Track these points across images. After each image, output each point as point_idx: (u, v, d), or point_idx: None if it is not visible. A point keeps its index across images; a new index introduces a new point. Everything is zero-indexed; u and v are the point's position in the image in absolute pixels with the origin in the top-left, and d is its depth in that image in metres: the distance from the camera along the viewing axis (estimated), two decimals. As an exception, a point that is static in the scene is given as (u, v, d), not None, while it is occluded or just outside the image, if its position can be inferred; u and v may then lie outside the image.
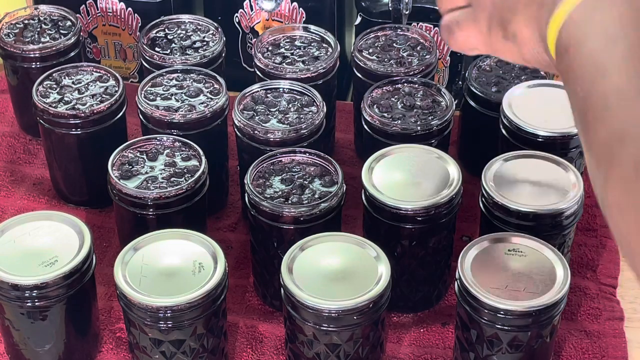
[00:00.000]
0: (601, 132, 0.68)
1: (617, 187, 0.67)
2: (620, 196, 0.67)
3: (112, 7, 1.38)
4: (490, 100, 1.15)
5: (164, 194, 1.02)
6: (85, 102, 1.13)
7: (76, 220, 0.98)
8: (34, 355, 0.98)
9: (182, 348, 0.93)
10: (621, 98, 0.67)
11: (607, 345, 1.02)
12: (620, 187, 0.66)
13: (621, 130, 0.66)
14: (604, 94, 0.68)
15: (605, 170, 0.68)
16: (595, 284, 1.09)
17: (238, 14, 1.38)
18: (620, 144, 0.66)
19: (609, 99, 0.67)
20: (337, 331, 0.91)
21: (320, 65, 1.17)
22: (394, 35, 1.23)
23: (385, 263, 0.93)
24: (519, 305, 0.90)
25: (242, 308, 1.07)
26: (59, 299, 0.94)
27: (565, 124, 1.10)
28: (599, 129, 0.68)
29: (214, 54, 1.20)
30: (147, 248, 0.96)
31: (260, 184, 1.02)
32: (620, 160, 0.65)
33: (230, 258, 1.12)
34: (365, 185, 1.01)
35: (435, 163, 1.04)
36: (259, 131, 1.07)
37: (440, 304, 1.08)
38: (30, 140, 1.29)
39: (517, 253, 0.95)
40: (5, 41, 1.23)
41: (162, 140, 1.08)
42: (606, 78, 0.68)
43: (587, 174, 1.20)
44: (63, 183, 1.19)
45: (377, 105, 1.12)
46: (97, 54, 1.43)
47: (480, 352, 0.94)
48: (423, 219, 1.00)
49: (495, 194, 1.01)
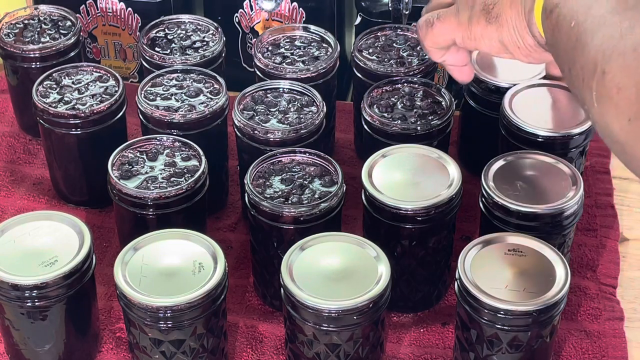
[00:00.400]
0: (588, 53, 0.76)
1: (605, 91, 0.74)
2: (609, 101, 0.74)
3: (112, 7, 1.38)
4: (490, 100, 1.15)
5: (164, 194, 1.02)
6: (85, 102, 1.13)
7: (76, 220, 0.98)
8: (34, 355, 0.98)
9: (182, 348, 0.93)
10: (605, 23, 0.75)
11: (607, 345, 1.02)
12: (607, 89, 0.74)
13: (605, 45, 0.74)
14: (590, 26, 0.77)
15: (593, 84, 0.75)
16: (595, 284, 1.09)
17: (238, 14, 1.38)
18: (604, 58, 0.74)
19: (594, 26, 0.76)
20: (337, 331, 0.91)
21: (320, 65, 1.17)
22: (394, 35, 1.23)
23: (385, 263, 0.93)
24: (519, 305, 0.90)
25: (242, 308, 1.07)
26: (59, 299, 0.94)
27: (565, 124, 1.10)
28: (585, 51, 0.76)
29: (214, 54, 1.20)
30: (147, 248, 0.96)
31: (260, 184, 1.02)
32: (609, 68, 0.73)
33: (230, 258, 1.12)
34: (365, 185, 1.01)
35: (435, 163, 1.04)
36: (259, 131, 1.07)
37: (440, 304, 1.08)
38: (30, 140, 1.29)
39: (517, 253, 0.95)
40: (5, 41, 1.23)
41: (162, 140, 1.08)
42: (590, 9, 0.77)
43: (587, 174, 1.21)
44: (63, 183, 1.19)
45: (377, 105, 1.12)
46: (97, 54, 1.43)
47: (480, 352, 0.94)
48: (423, 219, 1.00)
49: (495, 194, 1.01)
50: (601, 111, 0.75)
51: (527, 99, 1.13)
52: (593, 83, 0.75)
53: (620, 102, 0.72)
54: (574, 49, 0.78)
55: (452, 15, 0.98)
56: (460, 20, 0.96)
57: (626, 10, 0.74)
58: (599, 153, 1.24)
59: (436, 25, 0.99)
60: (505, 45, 0.93)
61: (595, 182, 1.22)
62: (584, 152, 1.13)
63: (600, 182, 1.22)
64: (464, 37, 0.97)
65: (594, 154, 1.24)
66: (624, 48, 0.72)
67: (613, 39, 0.73)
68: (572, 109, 1.11)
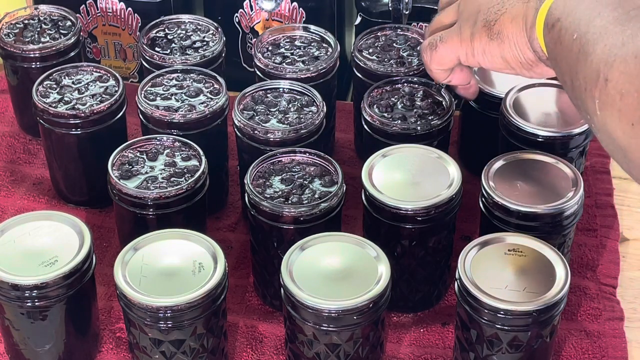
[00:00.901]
0: (590, 63, 0.76)
1: (607, 98, 0.75)
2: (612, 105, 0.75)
3: (112, 7, 1.38)
4: (490, 100, 1.15)
5: (164, 194, 1.02)
6: (85, 102, 1.13)
7: (76, 220, 0.98)
8: (34, 355, 0.98)
9: (182, 348, 0.93)
10: (607, 33, 0.76)
11: (607, 345, 1.02)
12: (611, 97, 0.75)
13: (607, 53, 0.75)
14: (592, 37, 0.77)
15: (596, 92, 0.76)
16: (595, 284, 1.09)
17: (238, 14, 1.38)
18: (607, 65, 0.74)
19: (596, 37, 0.77)
20: (337, 331, 0.91)
21: (320, 65, 1.17)
22: (394, 35, 1.23)
23: (385, 263, 0.93)
24: (519, 305, 0.90)
25: (242, 308, 1.07)
26: (59, 299, 0.94)
27: (565, 124, 1.10)
28: (588, 61, 0.77)
29: (214, 54, 1.20)
30: (147, 248, 0.96)
31: (260, 184, 1.02)
32: (612, 75, 0.74)
33: (230, 258, 1.12)
34: (365, 185, 1.01)
35: (435, 163, 1.04)
36: (259, 131, 1.07)
37: (440, 304, 1.08)
38: (30, 140, 1.29)
39: (517, 253, 0.95)
40: (5, 41, 1.23)
41: (162, 140, 1.08)
42: (592, 21, 0.78)
43: (587, 174, 1.21)
44: (63, 183, 1.19)
45: (377, 105, 1.12)
46: (97, 54, 1.43)
47: (480, 352, 0.94)
48: (423, 219, 1.00)
49: (495, 194, 1.01)
50: (604, 118, 0.75)
51: (527, 99, 1.13)
52: (596, 91, 0.75)
53: (623, 108, 0.73)
54: (577, 61, 0.78)
55: (454, 35, 1.00)
56: (462, 37, 0.98)
57: (628, 20, 0.75)
58: (599, 153, 1.24)
59: (440, 47, 1.02)
60: (507, 61, 0.95)
61: (595, 182, 1.22)
62: (584, 152, 1.13)
63: (600, 182, 1.22)
64: (467, 53, 0.98)
65: (594, 154, 1.24)
66: (626, 55, 0.73)
67: (615, 47, 0.74)
68: (572, 109, 1.11)
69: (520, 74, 0.97)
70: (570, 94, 0.82)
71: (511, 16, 0.93)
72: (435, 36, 1.03)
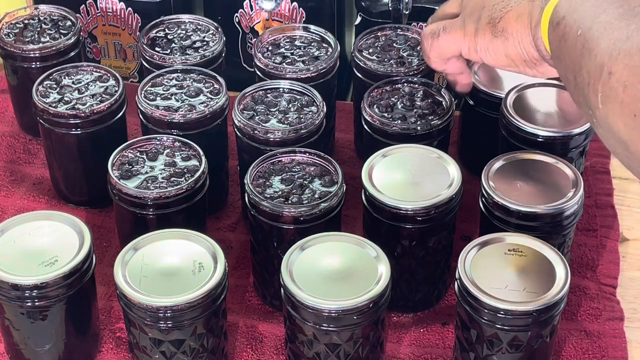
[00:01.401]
0: (595, 58, 0.77)
1: (611, 91, 0.75)
2: (615, 103, 0.75)
3: (112, 7, 1.38)
4: (490, 100, 1.15)
5: (164, 194, 1.02)
6: (85, 102, 1.13)
7: (76, 220, 0.98)
8: (34, 355, 0.98)
9: (182, 348, 0.93)
10: (612, 29, 0.76)
11: (607, 345, 1.02)
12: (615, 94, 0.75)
13: (612, 47, 0.75)
14: (597, 32, 0.78)
15: (599, 85, 0.77)
16: (595, 284, 1.09)
17: (238, 14, 1.38)
18: (611, 59, 0.75)
19: (600, 32, 0.77)
20: (337, 331, 0.91)
21: (320, 65, 1.17)
22: (394, 35, 1.23)
23: (385, 263, 0.93)
24: (519, 305, 0.90)
25: (242, 308, 1.08)
26: (59, 299, 0.94)
27: (565, 124, 1.10)
28: (592, 56, 0.77)
29: (214, 54, 1.20)
30: (147, 248, 0.96)
31: (260, 184, 1.02)
32: (615, 68, 0.74)
33: (230, 258, 1.12)
34: (365, 185, 1.01)
35: (435, 163, 1.04)
36: (259, 131, 1.07)
37: (440, 304, 1.08)
38: (30, 140, 1.29)
39: (517, 253, 0.95)
40: (5, 41, 1.23)
41: (162, 140, 1.08)
42: (597, 17, 0.78)
43: (587, 174, 1.21)
44: (63, 183, 1.19)
45: (377, 105, 1.12)
46: (97, 53, 1.43)
47: (480, 352, 0.94)
48: (423, 219, 1.00)
49: (495, 194, 1.01)
50: (606, 112, 0.76)
51: (527, 99, 1.13)
52: (599, 85, 0.76)
53: (626, 100, 0.73)
54: (581, 56, 0.79)
55: (458, 27, 0.99)
56: (466, 31, 0.98)
57: (633, 16, 0.76)
58: (599, 153, 1.24)
59: (442, 36, 1.01)
60: (511, 58, 0.95)
61: (595, 182, 1.22)
62: (584, 152, 1.13)
63: (600, 182, 1.22)
64: (469, 48, 0.98)
65: (594, 154, 1.24)
66: (630, 48, 0.73)
67: (620, 41, 0.75)
68: (572, 109, 1.11)
69: (523, 72, 0.97)
70: (572, 91, 0.82)
71: (516, 14, 0.92)
72: (438, 24, 1.02)
